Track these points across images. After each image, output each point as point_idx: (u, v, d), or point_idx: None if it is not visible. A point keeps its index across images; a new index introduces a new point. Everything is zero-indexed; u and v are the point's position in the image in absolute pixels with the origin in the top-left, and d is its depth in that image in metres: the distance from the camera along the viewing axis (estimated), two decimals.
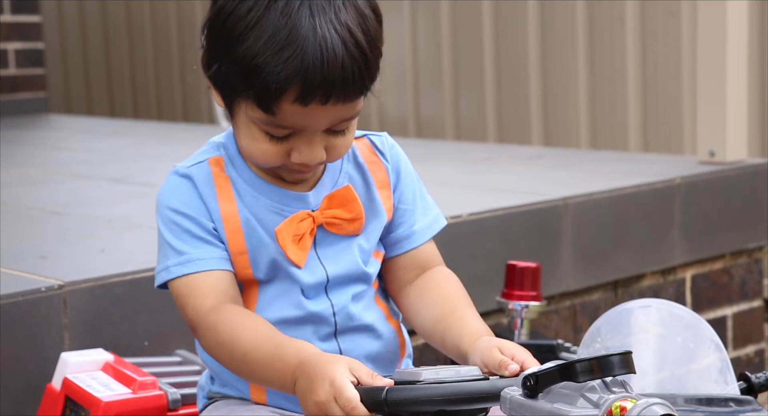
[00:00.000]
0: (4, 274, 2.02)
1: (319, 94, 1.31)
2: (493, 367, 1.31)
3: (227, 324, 1.36)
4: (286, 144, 1.37)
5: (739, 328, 3.14)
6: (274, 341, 1.34)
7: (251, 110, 1.35)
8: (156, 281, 1.44)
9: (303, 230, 1.42)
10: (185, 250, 1.41)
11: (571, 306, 2.72)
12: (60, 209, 2.79)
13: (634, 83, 4.12)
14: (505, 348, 1.34)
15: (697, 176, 3.01)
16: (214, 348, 1.39)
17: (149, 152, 4.08)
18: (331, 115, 1.35)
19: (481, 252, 2.48)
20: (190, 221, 1.42)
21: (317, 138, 1.37)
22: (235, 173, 1.44)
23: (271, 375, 1.33)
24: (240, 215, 1.42)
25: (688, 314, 1.55)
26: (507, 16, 4.44)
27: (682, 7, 3.95)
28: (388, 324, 1.51)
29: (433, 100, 4.71)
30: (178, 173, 1.45)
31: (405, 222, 1.52)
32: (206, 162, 1.46)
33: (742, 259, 3.14)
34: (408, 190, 1.53)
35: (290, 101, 1.31)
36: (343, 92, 1.32)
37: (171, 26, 5.90)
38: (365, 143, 1.52)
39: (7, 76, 5.45)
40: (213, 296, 1.39)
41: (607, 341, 1.54)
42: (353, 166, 1.50)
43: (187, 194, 1.43)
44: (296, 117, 1.33)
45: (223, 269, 1.41)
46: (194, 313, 1.39)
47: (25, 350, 1.86)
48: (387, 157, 1.52)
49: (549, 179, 3.08)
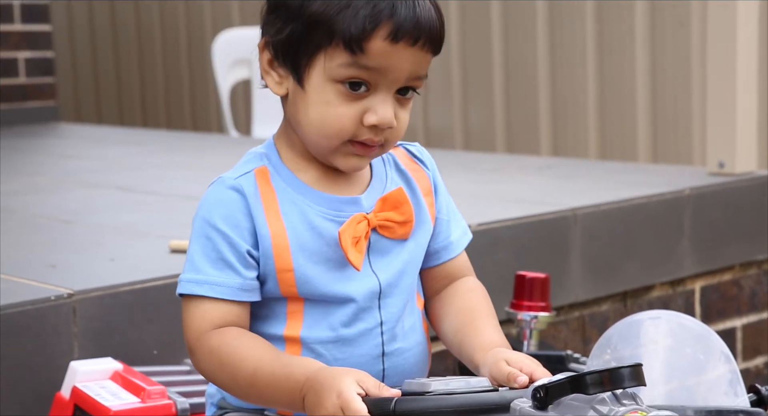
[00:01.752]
0: (14, 283, 2.02)
1: (411, 32, 1.34)
2: (502, 380, 1.31)
3: (231, 346, 1.34)
4: (361, 105, 1.36)
5: (748, 339, 3.13)
6: (280, 360, 1.33)
7: (333, 60, 1.35)
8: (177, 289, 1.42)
9: (360, 232, 1.39)
10: (205, 270, 1.37)
11: (580, 317, 2.71)
12: (69, 218, 2.80)
13: (643, 94, 4.12)
14: (513, 360, 1.33)
15: (707, 187, 3.01)
16: (216, 371, 1.36)
17: (158, 160, 4.09)
18: (413, 61, 1.37)
19: (491, 262, 2.48)
20: (224, 241, 1.37)
21: (390, 99, 1.38)
22: (282, 184, 1.41)
23: (280, 394, 1.32)
24: (288, 232, 1.38)
25: (697, 325, 1.55)
26: (516, 26, 4.44)
27: (692, 18, 3.95)
28: (426, 346, 1.50)
29: (442, 111, 4.72)
30: (225, 184, 1.40)
31: (442, 232, 1.51)
32: (252, 173, 1.41)
33: (751, 270, 3.13)
34: (443, 200, 1.53)
35: (382, 38, 1.34)
36: (431, 36, 1.37)
37: (180, 35, 5.92)
38: (402, 152, 1.52)
39: (17, 85, 5.46)
40: (219, 324, 1.37)
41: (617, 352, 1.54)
42: (397, 173, 1.49)
43: (232, 208, 1.38)
44: (384, 56, 1.35)
45: (236, 301, 1.37)
46: (196, 335, 1.37)
47: (35, 358, 1.87)
48: (427, 165, 1.53)
49: (558, 190, 3.08)
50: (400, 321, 1.44)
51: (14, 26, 5.42)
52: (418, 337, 1.48)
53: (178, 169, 3.82)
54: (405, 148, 1.53)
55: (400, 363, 1.44)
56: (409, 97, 1.40)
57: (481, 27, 4.54)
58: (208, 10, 5.73)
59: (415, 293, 1.49)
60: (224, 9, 5.64)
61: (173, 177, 3.56)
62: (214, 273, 1.36)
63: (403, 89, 1.39)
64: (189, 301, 1.38)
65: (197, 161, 4.02)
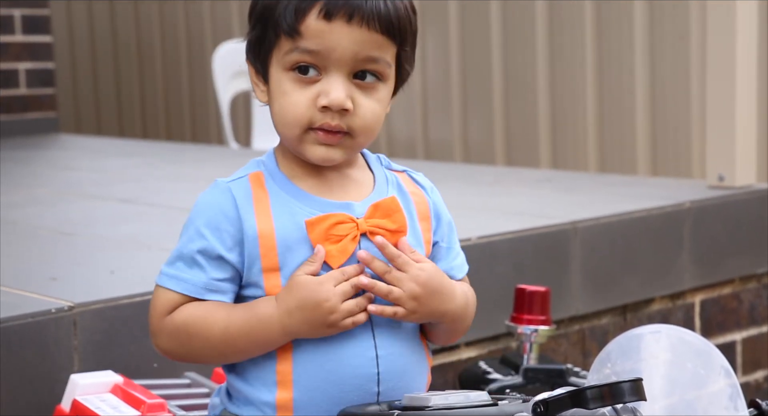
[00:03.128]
0: (15, 295, 2.02)
1: (342, 8, 1.37)
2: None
3: (195, 316, 1.41)
4: (314, 89, 1.40)
5: (748, 353, 3.13)
6: (244, 308, 1.41)
7: (281, 51, 1.41)
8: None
9: (342, 231, 1.41)
10: (179, 265, 1.43)
11: (580, 330, 2.71)
12: (70, 230, 2.80)
13: (642, 107, 4.13)
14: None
15: (707, 200, 3.01)
16: (186, 344, 1.42)
17: (158, 172, 4.09)
18: (356, 40, 1.39)
19: (490, 276, 2.48)
20: (201, 243, 1.42)
21: (343, 80, 1.40)
22: (276, 188, 1.44)
23: (255, 335, 1.39)
24: (276, 233, 1.41)
25: (698, 340, 1.55)
26: (516, 39, 4.45)
27: (692, 31, 3.96)
28: (424, 355, 1.50)
29: (441, 123, 4.72)
30: (217, 186, 1.45)
31: (442, 259, 1.52)
32: (246, 177, 1.46)
33: (751, 284, 3.13)
34: (445, 231, 1.54)
35: (314, 17, 1.38)
36: (368, 13, 1.38)
37: (180, 47, 5.93)
38: (405, 178, 1.53)
39: (18, 96, 5.47)
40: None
41: (617, 366, 1.54)
42: (398, 192, 1.50)
43: (216, 212, 1.43)
44: (321, 36, 1.38)
45: (200, 299, 1.43)
46: (158, 318, 1.44)
47: (35, 371, 1.87)
48: (428, 193, 1.53)
49: (558, 203, 3.08)
50: (395, 326, 1.45)
51: (15, 37, 5.43)
52: (415, 345, 1.48)
53: (178, 181, 3.82)
54: (409, 175, 1.54)
55: (395, 368, 1.43)
56: (369, 82, 1.42)
57: (480, 39, 4.55)
58: (209, 22, 5.74)
59: None
60: (224, 20, 5.65)
61: (173, 189, 3.56)
62: (185, 270, 1.42)
63: (361, 75, 1.41)
64: (158, 289, 1.45)
65: (197, 172, 4.03)
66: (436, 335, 1.52)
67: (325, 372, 1.40)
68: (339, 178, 1.48)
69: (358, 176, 1.50)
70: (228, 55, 5.04)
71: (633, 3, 4.10)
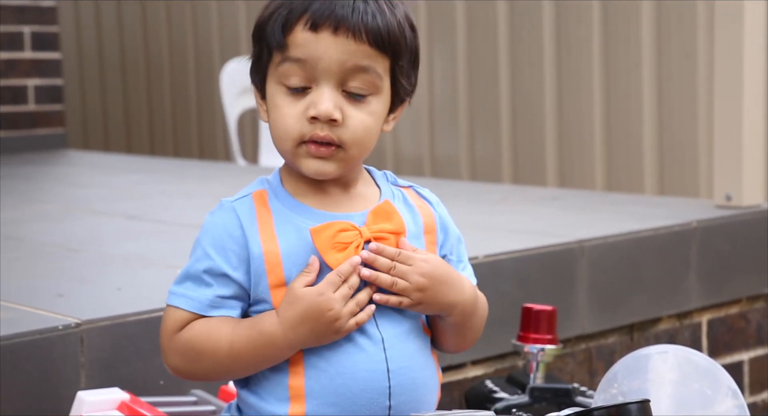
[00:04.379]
0: (22, 311, 2.02)
1: (328, 19, 1.39)
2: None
3: (202, 335, 1.43)
4: (304, 102, 1.42)
5: (755, 374, 3.12)
6: (247, 324, 1.43)
7: (274, 64, 1.44)
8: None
9: (346, 239, 1.42)
10: (186, 284, 1.45)
11: (586, 350, 2.71)
12: (77, 246, 2.80)
13: (650, 126, 4.13)
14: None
15: (714, 219, 3.01)
16: (195, 362, 1.44)
17: (166, 189, 4.10)
18: (342, 50, 1.40)
19: (497, 294, 2.47)
20: (207, 263, 1.44)
21: (331, 91, 1.41)
22: (279, 205, 1.46)
23: (261, 350, 1.41)
24: (281, 248, 1.43)
25: (705, 360, 1.55)
26: (523, 57, 4.46)
27: (699, 50, 3.96)
28: (435, 371, 1.51)
29: (448, 141, 4.73)
30: (222, 207, 1.48)
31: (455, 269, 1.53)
32: (250, 196, 1.48)
33: (758, 304, 3.12)
34: (453, 244, 1.55)
35: (301, 29, 1.40)
36: (353, 23, 1.40)
37: (189, 63, 5.95)
38: (412, 193, 1.55)
39: (26, 112, 5.49)
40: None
41: (624, 386, 1.54)
42: (403, 205, 1.52)
43: (221, 233, 1.45)
44: (308, 46, 1.41)
45: (206, 315, 1.45)
46: (168, 337, 1.46)
47: (42, 388, 1.87)
48: (434, 206, 1.55)
49: (564, 221, 3.08)
50: (405, 341, 1.45)
51: (24, 54, 5.45)
52: (427, 361, 1.49)
53: (185, 197, 3.83)
54: (416, 190, 1.56)
55: (406, 382, 1.44)
56: (359, 94, 1.43)
57: (488, 57, 4.56)
58: (216, 39, 5.76)
59: (420, 317, 1.49)
60: (232, 38, 5.67)
61: (181, 205, 3.56)
62: (193, 288, 1.45)
63: (353, 94, 1.43)
64: (168, 308, 1.47)
65: (205, 189, 4.03)
66: (446, 338, 1.52)
67: (336, 385, 1.41)
68: (343, 194, 1.49)
69: (364, 191, 1.51)
70: (235, 73, 5.06)
71: (640, 22, 4.10)
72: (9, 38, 5.38)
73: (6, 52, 5.37)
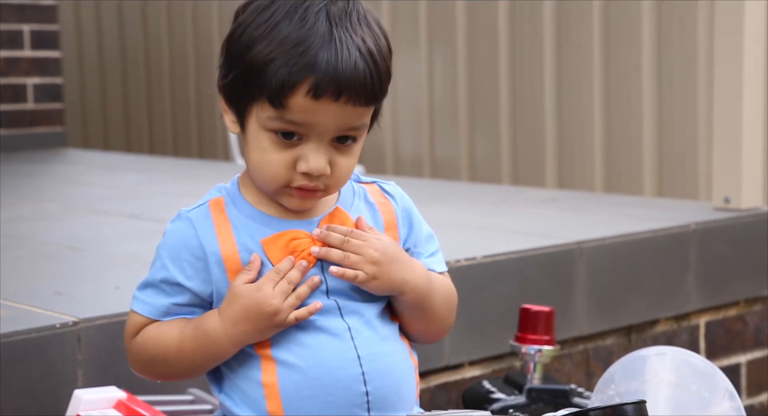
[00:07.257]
0: (20, 310, 2.03)
1: (332, 88, 1.37)
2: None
3: (153, 339, 1.48)
4: (293, 152, 1.41)
5: (752, 376, 3.12)
6: (192, 325, 1.46)
7: (263, 111, 1.40)
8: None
9: (299, 247, 1.45)
10: (146, 290, 1.50)
11: (584, 351, 2.71)
12: (76, 245, 2.80)
13: (649, 128, 4.13)
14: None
15: (713, 222, 3.01)
16: (150, 364, 1.50)
17: (165, 188, 4.10)
18: (341, 115, 1.39)
19: (495, 295, 2.48)
20: (163, 271, 1.48)
21: (323, 147, 1.41)
22: (235, 211, 1.48)
23: (208, 349, 1.44)
24: (240, 255, 1.45)
25: (702, 362, 1.55)
26: (523, 58, 4.46)
27: (699, 53, 3.96)
28: (407, 355, 1.51)
29: (448, 142, 4.73)
30: (179, 217, 1.51)
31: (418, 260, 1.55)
32: (206, 205, 1.51)
33: (756, 306, 3.13)
34: (420, 238, 1.56)
35: (302, 94, 1.37)
36: (355, 91, 1.38)
37: (188, 63, 5.95)
38: (374, 188, 1.56)
39: (26, 111, 5.49)
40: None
41: (621, 387, 1.54)
42: (364, 204, 1.53)
43: (177, 243, 1.48)
44: (307, 112, 1.38)
45: (161, 320, 1.49)
46: (128, 339, 1.51)
47: (39, 386, 1.87)
48: (397, 201, 1.56)
49: (563, 223, 3.08)
50: (372, 328, 1.47)
51: (24, 52, 5.45)
52: (397, 345, 1.50)
53: (185, 197, 3.82)
54: (379, 185, 1.57)
55: (380, 367, 1.45)
56: (348, 144, 1.44)
57: (488, 59, 4.56)
58: (216, 38, 5.76)
59: (383, 304, 1.50)
60: None
61: (180, 205, 3.55)
62: (152, 295, 1.49)
63: (342, 138, 1.43)
64: (130, 313, 1.52)
65: (204, 188, 4.01)
66: (410, 323, 1.53)
67: (310, 378, 1.43)
68: None
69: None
70: None
71: (641, 26, 4.11)
72: (9, 37, 5.38)
73: (6, 50, 5.37)
